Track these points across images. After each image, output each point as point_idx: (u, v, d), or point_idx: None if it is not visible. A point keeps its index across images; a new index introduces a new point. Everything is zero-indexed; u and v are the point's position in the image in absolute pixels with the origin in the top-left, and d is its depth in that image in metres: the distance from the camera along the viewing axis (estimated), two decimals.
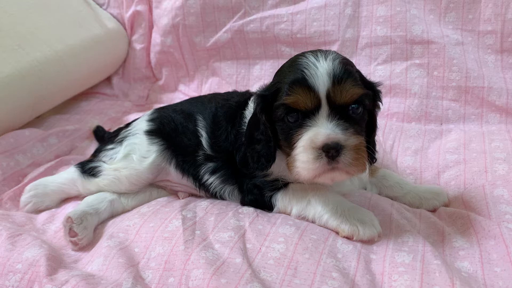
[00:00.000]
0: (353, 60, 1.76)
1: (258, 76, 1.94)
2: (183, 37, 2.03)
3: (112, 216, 1.17)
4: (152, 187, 1.27)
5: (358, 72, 1.00)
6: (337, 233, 0.97)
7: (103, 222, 1.15)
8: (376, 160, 1.08)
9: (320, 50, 0.98)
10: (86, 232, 1.06)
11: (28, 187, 1.23)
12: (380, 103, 1.05)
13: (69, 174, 1.26)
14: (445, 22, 1.64)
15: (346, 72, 0.93)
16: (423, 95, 1.63)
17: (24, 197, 1.22)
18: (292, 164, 0.95)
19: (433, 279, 0.81)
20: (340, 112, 0.93)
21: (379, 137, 1.53)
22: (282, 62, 1.87)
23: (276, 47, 1.90)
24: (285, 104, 0.94)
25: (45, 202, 1.23)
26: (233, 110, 1.18)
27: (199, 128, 1.20)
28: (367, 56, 1.74)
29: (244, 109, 1.15)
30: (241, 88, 1.72)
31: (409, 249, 0.91)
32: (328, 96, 0.91)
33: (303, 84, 0.92)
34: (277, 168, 1.06)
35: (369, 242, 0.94)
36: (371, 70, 1.73)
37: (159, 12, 2.09)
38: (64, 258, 1.00)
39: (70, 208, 1.20)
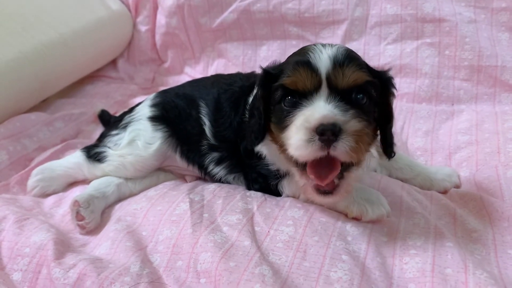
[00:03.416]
0: (362, 40, 1.73)
1: (265, 57, 1.90)
2: (189, 18, 2.00)
3: (119, 199, 1.17)
4: (159, 170, 1.26)
5: (365, 63, 0.94)
6: (346, 215, 0.96)
7: (111, 206, 1.15)
8: (394, 154, 0.99)
9: (330, 44, 0.94)
10: (93, 216, 1.05)
11: (34, 171, 1.23)
12: (394, 90, 0.97)
13: (75, 159, 1.25)
14: None
15: (349, 57, 0.88)
16: (434, 75, 1.59)
17: (31, 181, 1.22)
18: (282, 151, 0.91)
19: (445, 262, 0.80)
20: (341, 96, 0.86)
21: None
22: (289, 42, 1.87)
23: (283, 27, 1.86)
24: (283, 85, 0.90)
25: (52, 186, 1.23)
26: (237, 96, 1.14)
27: (202, 116, 1.17)
28: (377, 35, 1.70)
29: (249, 95, 1.10)
30: (248, 70, 1.69)
31: (421, 231, 0.89)
32: (328, 79, 0.86)
33: (304, 64, 0.88)
34: (276, 159, 1.03)
35: (378, 222, 0.93)
36: (380, 50, 1.69)
37: None
38: (71, 242, 1.00)
39: (77, 192, 1.20)
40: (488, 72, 1.51)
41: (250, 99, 1.08)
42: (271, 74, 0.96)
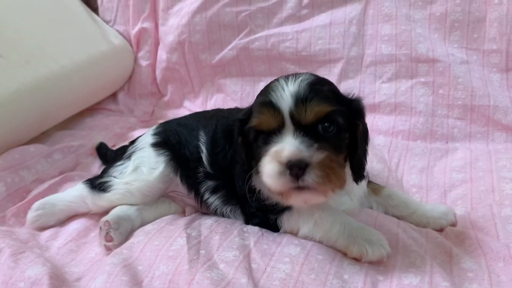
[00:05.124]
0: (358, 78, 1.77)
1: None
2: (189, 54, 2.05)
3: (142, 224, 1.17)
4: (170, 199, 1.28)
5: (333, 90, 0.99)
6: (345, 254, 0.96)
7: None
8: (363, 178, 1.04)
9: (296, 74, 0.98)
10: (121, 238, 1.08)
11: (35, 206, 1.21)
12: (359, 123, 0.98)
13: (77, 192, 1.24)
14: (450, 41, 1.64)
15: (312, 91, 0.91)
16: (429, 113, 1.62)
17: (31, 216, 1.20)
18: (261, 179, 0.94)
19: None
20: (307, 131, 0.90)
21: (384, 155, 1.52)
22: None
23: (281, 64, 1.91)
24: (252, 127, 0.96)
25: (52, 221, 1.21)
26: (230, 129, 1.17)
27: (200, 144, 1.20)
28: (372, 74, 1.75)
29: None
30: (246, 105, 1.72)
31: (417, 270, 0.89)
32: (292, 117, 0.90)
33: (267, 105, 0.93)
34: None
35: (377, 263, 0.92)
36: (376, 88, 1.73)
37: (165, 29, 2.12)
38: (66, 277, 0.98)
39: (74, 225, 1.20)
40: (481, 111, 1.55)
41: None
42: (244, 120, 1.01)
